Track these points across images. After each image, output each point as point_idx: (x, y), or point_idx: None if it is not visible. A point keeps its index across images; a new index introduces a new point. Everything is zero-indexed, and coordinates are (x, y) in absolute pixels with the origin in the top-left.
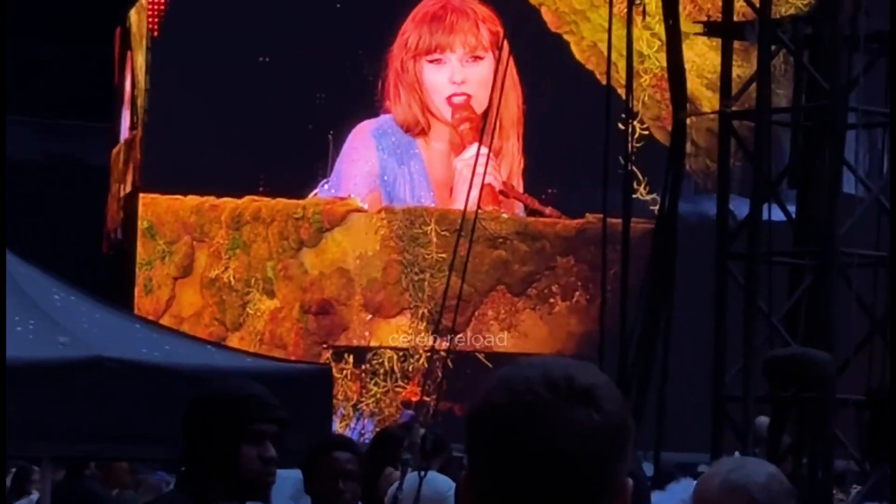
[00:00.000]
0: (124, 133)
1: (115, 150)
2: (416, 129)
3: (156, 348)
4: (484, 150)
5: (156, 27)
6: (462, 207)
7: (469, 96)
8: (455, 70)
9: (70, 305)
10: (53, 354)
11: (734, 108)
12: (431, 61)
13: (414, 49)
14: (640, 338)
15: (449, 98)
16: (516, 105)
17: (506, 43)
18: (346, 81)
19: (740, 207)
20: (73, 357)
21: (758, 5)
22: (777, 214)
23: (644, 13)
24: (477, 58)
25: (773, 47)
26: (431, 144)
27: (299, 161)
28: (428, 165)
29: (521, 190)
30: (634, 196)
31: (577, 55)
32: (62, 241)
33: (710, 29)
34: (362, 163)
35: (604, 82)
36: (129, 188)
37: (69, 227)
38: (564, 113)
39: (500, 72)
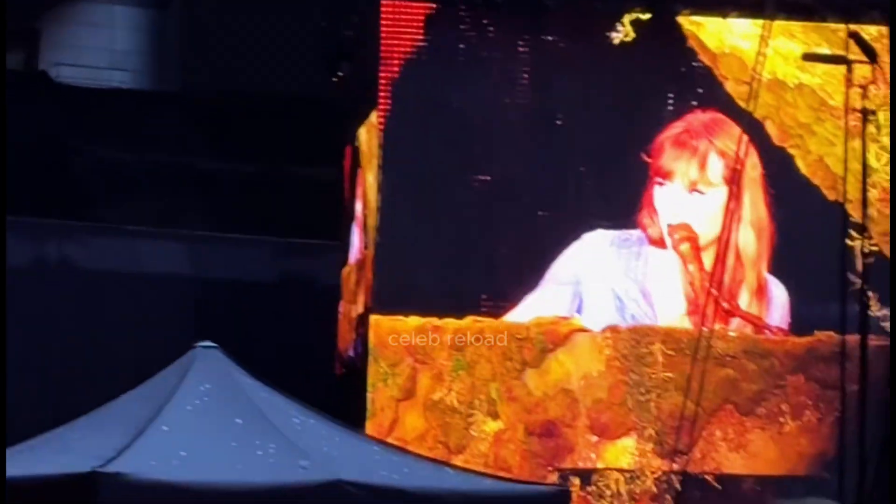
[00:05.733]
0: (355, 252)
1: (345, 270)
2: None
3: (395, 471)
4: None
5: (383, 145)
6: (690, 326)
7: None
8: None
9: (309, 429)
10: (295, 479)
11: None
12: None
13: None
14: (880, 456)
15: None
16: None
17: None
18: (567, 199)
19: None
20: (313, 481)
21: None
22: None
23: (878, 127)
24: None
25: None
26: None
27: (516, 280)
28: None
29: (748, 307)
30: (867, 312)
31: (803, 169)
32: (297, 362)
33: None
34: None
35: (830, 197)
36: (360, 308)
37: (302, 347)
38: (788, 229)
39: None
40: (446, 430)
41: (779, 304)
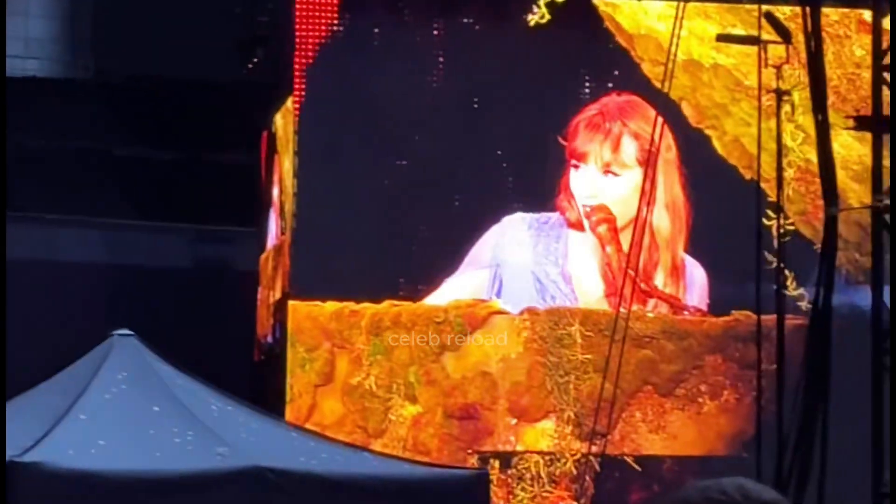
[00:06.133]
0: (272, 238)
1: (263, 256)
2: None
3: (313, 456)
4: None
5: (299, 131)
6: (608, 307)
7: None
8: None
9: (227, 415)
10: (213, 465)
11: (886, 202)
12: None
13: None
14: (798, 436)
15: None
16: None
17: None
18: (485, 182)
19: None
20: (232, 468)
21: None
22: None
23: (793, 106)
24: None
25: None
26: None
27: (434, 264)
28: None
29: (664, 288)
30: (783, 292)
31: (720, 150)
32: (215, 349)
33: (860, 123)
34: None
35: (747, 177)
36: (278, 294)
37: (221, 334)
38: (706, 209)
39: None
40: (365, 414)
41: (697, 284)
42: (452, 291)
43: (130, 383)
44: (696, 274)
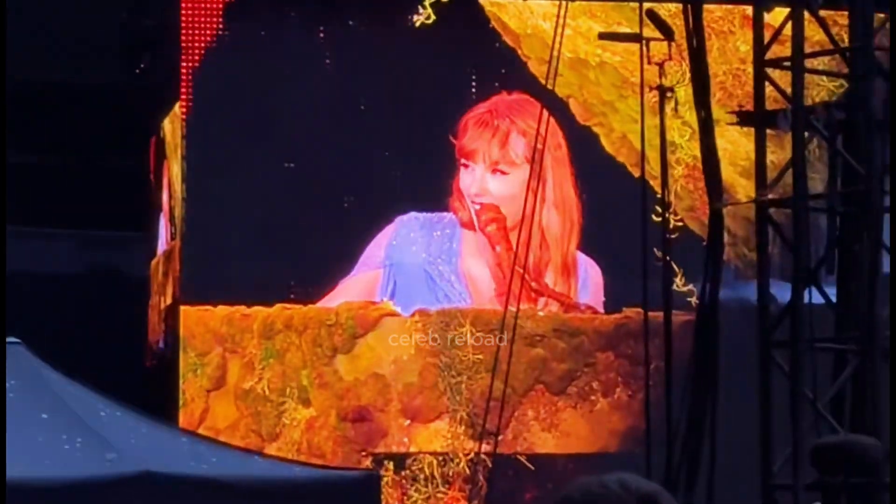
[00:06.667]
0: (162, 244)
1: (153, 261)
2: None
3: (203, 461)
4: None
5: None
6: (499, 307)
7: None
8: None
9: (116, 421)
10: (102, 471)
11: (770, 196)
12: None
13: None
14: (687, 431)
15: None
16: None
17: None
18: (375, 184)
19: (781, 291)
20: (121, 473)
21: (789, 93)
22: (818, 298)
23: (676, 103)
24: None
25: (806, 134)
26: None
27: (327, 266)
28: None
29: (554, 286)
30: (672, 288)
31: (608, 147)
32: (106, 355)
33: (743, 118)
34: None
35: (635, 174)
36: (169, 299)
37: (112, 340)
38: (596, 207)
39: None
40: (258, 418)
41: (592, 281)
42: (347, 293)
43: (18, 391)
44: (591, 272)
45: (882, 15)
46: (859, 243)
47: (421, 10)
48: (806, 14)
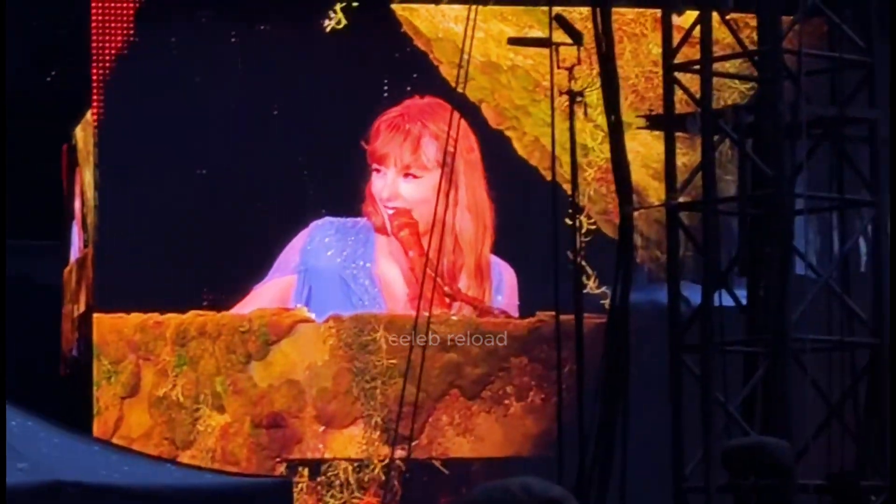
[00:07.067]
0: (75, 251)
1: (66, 270)
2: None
3: (115, 470)
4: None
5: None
6: (413, 312)
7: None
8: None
9: (27, 431)
10: (13, 481)
11: (681, 199)
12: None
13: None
14: (598, 434)
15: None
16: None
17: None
18: (288, 189)
19: (694, 294)
20: (32, 482)
21: (698, 96)
22: (729, 301)
23: (585, 106)
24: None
25: (716, 137)
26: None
27: (241, 273)
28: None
29: (468, 291)
30: (585, 291)
31: (520, 151)
32: (20, 364)
33: (652, 122)
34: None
35: (548, 178)
36: (82, 307)
37: (24, 349)
38: (510, 211)
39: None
40: (172, 426)
41: (507, 285)
42: (260, 299)
43: None
44: (505, 275)
45: (789, 18)
46: (769, 246)
47: (332, 15)
48: (716, 17)
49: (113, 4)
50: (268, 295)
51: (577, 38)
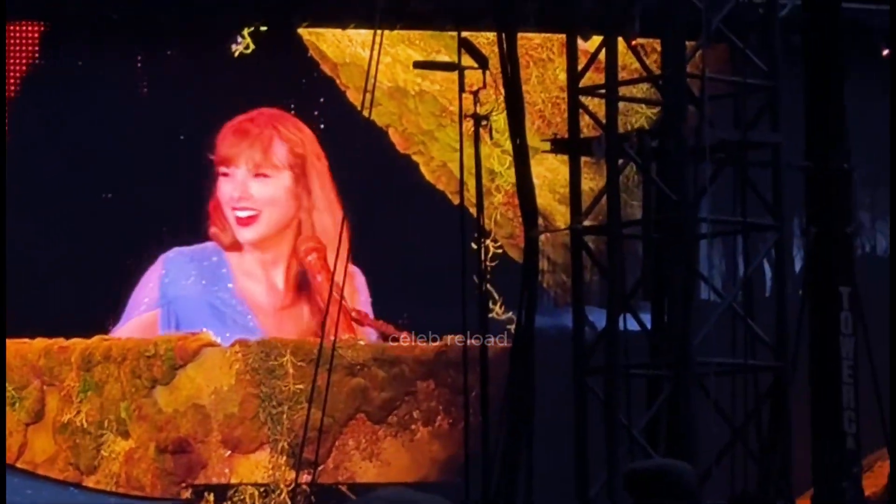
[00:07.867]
0: None
1: None
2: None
3: (17, 493)
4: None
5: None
6: (316, 337)
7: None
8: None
9: None
10: None
11: (586, 223)
12: None
13: None
14: (503, 459)
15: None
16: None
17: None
18: (181, 211)
19: (600, 318)
20: None
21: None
22: (634, 325)
23: (491, 130)
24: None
25: (621, 161)
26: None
27: (114, 303)
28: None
29: (373, 316)
30: (491, 315)
31: (428, 176)
32: None
33: (557, 146)
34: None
35: (455, 202)
36: None
37: None
38: (417, 235)
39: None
40: (76, 451)
41: (363, 288)
42: (135, 331)
43: None
44: (357, 279)
45: (693, 43)
46: (673, 269)
47: (240, 40)
48: (622, 42)
49: (18, 27)
50: (140, 328)
51: (482, 62)
